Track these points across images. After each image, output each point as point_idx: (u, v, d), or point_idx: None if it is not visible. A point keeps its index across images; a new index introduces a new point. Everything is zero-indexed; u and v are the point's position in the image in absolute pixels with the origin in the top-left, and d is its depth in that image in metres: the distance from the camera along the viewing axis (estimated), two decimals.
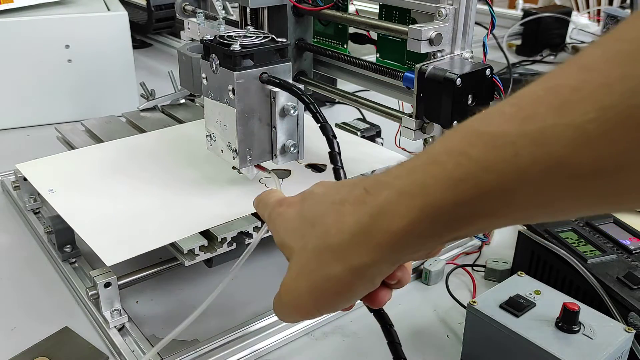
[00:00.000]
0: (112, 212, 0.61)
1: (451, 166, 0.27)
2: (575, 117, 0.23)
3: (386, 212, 0.30)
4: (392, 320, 0.40)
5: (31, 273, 0.66)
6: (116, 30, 1.07)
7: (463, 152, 0.27)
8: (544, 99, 0.24)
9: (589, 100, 0.23)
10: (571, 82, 0.24)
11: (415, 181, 0.29)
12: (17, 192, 0.77)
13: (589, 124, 0.23)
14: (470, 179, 0.26)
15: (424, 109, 0.58)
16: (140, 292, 0.62)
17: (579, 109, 0.23)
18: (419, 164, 0.29)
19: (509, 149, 0.25)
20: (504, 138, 0.25)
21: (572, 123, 0.23)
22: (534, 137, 0.24)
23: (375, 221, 0.30)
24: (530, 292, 0.52)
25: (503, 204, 0.26)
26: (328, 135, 0.50)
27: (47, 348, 0.54)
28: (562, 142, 0.23)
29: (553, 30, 1.55)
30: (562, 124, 0.23)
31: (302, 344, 0.57)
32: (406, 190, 0.29)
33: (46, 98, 1.05)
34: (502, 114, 0.26)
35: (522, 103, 0.25)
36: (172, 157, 0.74)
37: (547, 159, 0.24)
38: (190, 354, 0.53)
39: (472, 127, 0.27)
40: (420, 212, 0.28)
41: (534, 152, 0.24)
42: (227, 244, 0.57)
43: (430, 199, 0.28)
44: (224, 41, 0.56)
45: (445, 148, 0.28)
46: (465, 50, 0.60)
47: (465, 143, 0.27)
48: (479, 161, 0.26)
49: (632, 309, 0.51)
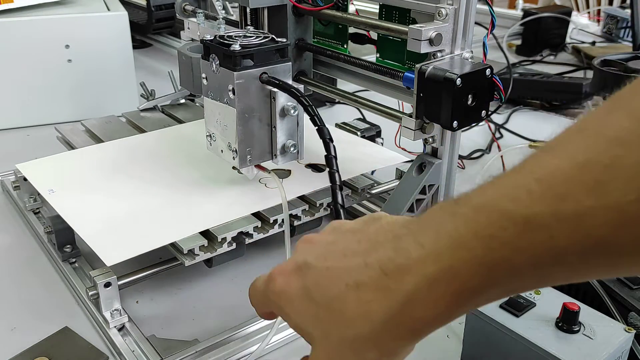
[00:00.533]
0: (112, 212, 0.61)
1: (482, 252, 0.26)
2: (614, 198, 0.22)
3: (418, 301, 0.28)
4: None
5: (31, 273, 0.66)
6: (116, 30, 1.07)
7: (494, 236, 0.26)
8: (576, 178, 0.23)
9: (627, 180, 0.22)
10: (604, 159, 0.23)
11: (443, 268, 0.27)
12: (17, 192, 0.77)
13: (629, 205, 0.22)
14: (502, 264, 0.26)
15: (424, 109, 0.58)
16: (140, 292, 0.62)
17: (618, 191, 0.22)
18: (444, 249, 0.27)
19: (544, 232, 0.24)
20: (537, 221, 0.24)
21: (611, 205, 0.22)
22: (570, 219, 0.23)
23: (407, 309, 0.29)
24: (530, 292, 0.52)
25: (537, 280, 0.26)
26: (325, 139, 0.50)
27: (47, 348, 0.54)
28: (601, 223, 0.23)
29: (553, 30, 1.55)
30: (600, 206, 0.23)
31: (302, 344, 0.56)
32: (436, 279, 0.28)
33: (46, 98, 1.05)
34: (530, 192, 0.25)
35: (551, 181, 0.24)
36: (172, 157, 0.74)
37: (586, 241, 0.23)
38: (190, 354, 0.53)
39: (500, 208, 0.26)
40: (453, 297, 0.28)
41: (571, 234, 0.23)
42: (227, 244, 0.57)
43: (463, 286, 0.27)
44: (224, 41, 0.56)
45: (472, 232, 0.26)
46: (465, 50, 0.60)
47: (496, 227, 0.26)
48: (512, 245, 0.25)
49: (632, 309, 0.51)
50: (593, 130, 0.24)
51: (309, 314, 0.32)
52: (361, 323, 0.30)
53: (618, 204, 0.22)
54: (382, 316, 0.29)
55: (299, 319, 0.34)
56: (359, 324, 0.30)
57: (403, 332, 0.30)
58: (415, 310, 0.28)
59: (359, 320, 0.30)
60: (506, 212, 0.25)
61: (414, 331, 0.30)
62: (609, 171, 0.22)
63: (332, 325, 0.31)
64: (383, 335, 0.30)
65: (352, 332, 0.30)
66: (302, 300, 0.33)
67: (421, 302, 0.28)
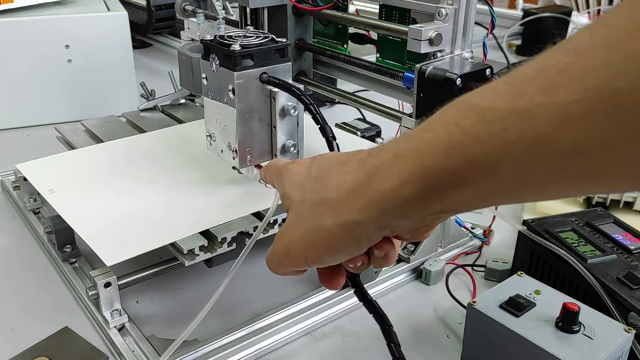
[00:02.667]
0: (112, 212, 0.61)
1: (444, 134, 0.29)
2: (560, 97, 0.24)
3: (380, 172, 0.32)
4: (392, 321, 0.40)
5: (31, 273, 0.66)
6: (116, 30, 1.07)
7: (456, 122, 0.28)
8: (534, 78, 0.26)
9: (574, 82, 0.24)
10: (559, 64, 0.25)
11: (410, 146, 0.31)
12: (17, 192, 0.77)
13: (572, 104, 0.24)
14: (460, 148, 0.28)
15: (424, 109, 0.58)
16: (140, 292, 0.62)
17: (564, 90, 0.24)
18: (416, 131, 0.31)
19: (498, 124, 0.26)
20: (495, 113, 0.27)
21: (556, 102, 0.24)
22: (521, 114, 0.26)
23: (370, 180, 0.32)
24: (530, 292, 0.52)
25: (488, 176, 0.28)
26: (327, 137, 0.50)
27: (47, 348, 0.54)
28: (546, 120, 0.25)
29: (553, 30, 1.55)
30: (548, 103, 0.25)
31: (302, 344, 0.57)
32: (401, 154, 0.31)
33: (46, 98, 1.05)
34: (496, 90, 0.27)
35: (513, 81, 0.27)
36: (172, 157, 0.74)
37: (532, 136, 0.25)
38: (190, 354, 0.53)
39: (467, 100, 0.29)
40: (411, 174, 0.30)
41: (520, 128, 0.26)
42: (227, 244, 0.57)
43: (421, 163, 0.30)
44: (224, 41, 0.56)
45: (441, 118, 0.30)
46: (465, 50, 0.60)
47: (459, 114, 0.29)
48: (470, 132, 0.28)
49: (632, 309, 0.51)
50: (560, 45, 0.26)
51: (299, 183, 0.38)
52: (332, 190, 0.35)
53: (563, 102, 0.24)
54: (350, 185, 0.33)
55: (289, 186, 0.40)
56: (330, 191, 0.35)
57: (361, 204, 0.33)
58: (378, 182, 0.32)
59: (331, 188, 0.35)
60: (472, 104, 0.28)
61: (370, 205, 0.32)
62: (561, 74, 0.25)
63: (310, 192, 0.37)
64: (343, 204, 0.34)
65: (321, 196, 0.35)
66: (300, 175, 0.39)
67: (382, 173, 0.32)
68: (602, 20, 0.25)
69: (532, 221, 0.64)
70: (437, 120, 0.30)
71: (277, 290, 0.63)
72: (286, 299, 0.60)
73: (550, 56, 0.26)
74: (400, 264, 0.65)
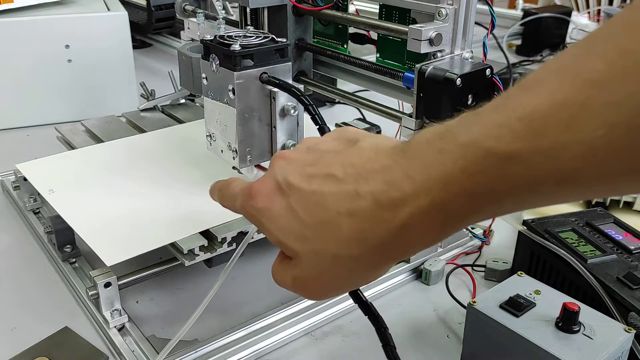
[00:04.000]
0: (112, 212, 0.61)
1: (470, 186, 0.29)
2: (585, 133, 0.25)
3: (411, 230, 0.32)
4: (392, 320, 0.40)
5: (31, 273, 0.66)
6: (116, 30, 1.07)
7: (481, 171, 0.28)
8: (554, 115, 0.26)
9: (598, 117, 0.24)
10: (579, 98, 0.25)
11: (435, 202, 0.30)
12: (17, 192, 0.77)
13: (598, 140, 0.24)
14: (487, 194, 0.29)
15: (424, 109, 0.58)
16: (140, 292, 0.62)
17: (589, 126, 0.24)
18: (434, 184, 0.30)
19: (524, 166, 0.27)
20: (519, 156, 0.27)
21: (582, 140, 0.25)
22: (547, 154, 0.26)
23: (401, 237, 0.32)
24: (530, 292, 0.52)
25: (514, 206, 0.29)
26: None
27: (47, 348, 0.54)
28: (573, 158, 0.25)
29: (553, 30, 1.55)
30: (573, 141, 0.25)
31: (302, 344, 0.57)
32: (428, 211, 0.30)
33: (46, 98, 1.05)
34: (512, 131, 0.27)
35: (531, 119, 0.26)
36: (172, 157, 0.74)
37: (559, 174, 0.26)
38: (190, 354, 0.53)
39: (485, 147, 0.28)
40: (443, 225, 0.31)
41: (547, 167, 0.26)
42: (227, 244, 0.57)
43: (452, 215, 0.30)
44: (224, 41, 0.56)
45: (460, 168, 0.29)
46: (465, 50, 0.60)
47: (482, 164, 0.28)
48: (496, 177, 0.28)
49: (632, 309, 0.51)
50: (570, 71, 0.26)
51: (293, 232, 0.35)
52: (356, 246, 0.33)
53: (589, 139, 0.24)
54: (376, 242, 0.32)
55: (282, 236, 0.36)
56: (354, 247, 0.33)
57: (395, 255, 0.34)
58: (409, 238, 0.32)
59: (353, 243, 0.33)
60: (491, 149, 0.27)
61: (404, 254, 0.34)
62: (583, 110, 0.25)
63: (323, 245, 0.34)
64: (376, 257, 0.34)
65: (346, 252, 0.33)
66: (286, 219, 0.35)
67: (415, 231, 0.31)
68: (614, 47, 0.25)
69: (532, 221, 0.64)
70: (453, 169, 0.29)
71: (277, 290, 0.62)
72: (286, 299, 0.60)
73: (567, 88, 0.26)
74: (400, 264, 0.65)
